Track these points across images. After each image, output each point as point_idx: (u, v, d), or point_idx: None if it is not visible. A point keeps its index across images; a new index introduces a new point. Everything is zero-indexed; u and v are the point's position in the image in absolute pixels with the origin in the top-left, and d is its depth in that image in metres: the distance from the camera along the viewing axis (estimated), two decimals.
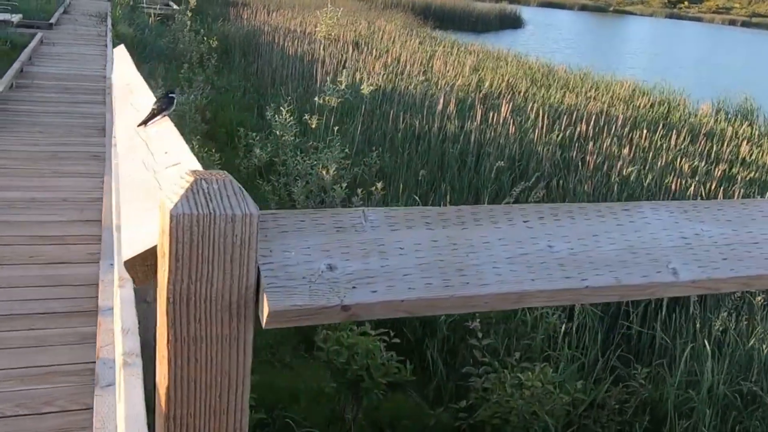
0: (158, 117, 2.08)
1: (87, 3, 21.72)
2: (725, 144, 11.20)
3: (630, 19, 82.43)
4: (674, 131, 11.33)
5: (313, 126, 7.90)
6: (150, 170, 1.51)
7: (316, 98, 9.35)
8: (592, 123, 11.10)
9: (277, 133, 7.92)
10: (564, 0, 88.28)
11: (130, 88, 3.17)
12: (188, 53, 14.36)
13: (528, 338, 5.58)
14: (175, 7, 21.91)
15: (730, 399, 5.06)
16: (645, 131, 11.21)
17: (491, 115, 11.05)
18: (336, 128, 8.26)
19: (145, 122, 2.07)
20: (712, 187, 8.79)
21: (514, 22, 47.17)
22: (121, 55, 5.40)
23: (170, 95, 2.13)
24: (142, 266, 1.02)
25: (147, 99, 2.51)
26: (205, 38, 14.90)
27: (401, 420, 5.06)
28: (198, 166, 1.36)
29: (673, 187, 8.56)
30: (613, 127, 11.18)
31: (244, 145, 8.85)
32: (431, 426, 5.02)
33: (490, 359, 5.02)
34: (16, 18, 15.57)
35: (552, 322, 5.59)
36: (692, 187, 8.54)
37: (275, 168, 8.12)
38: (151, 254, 1.00)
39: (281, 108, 7.91)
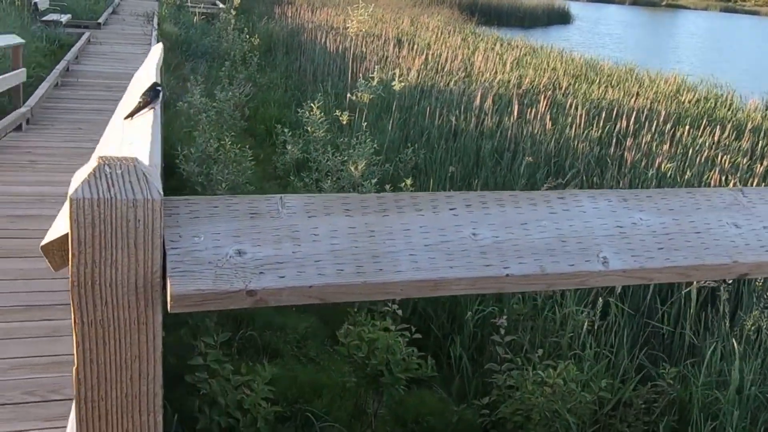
0: (144, 109, 2.11)
1: (135, 3, 22.12)
2: None
3: (683, 13, 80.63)
4: (718, 127, 11.07)
5: (344, 122, 7.91)
6: None
7: (348, 95, 9.35)
8: (632, 119, 10.91)
9: (309, 129, 7.96)
10: None
11: (141, 84, 3.23)
12: (232, 51, 14.51)
13: (556, 335, 5.52)
14: (220, 5, 22.16)
15: (761, 400, 4.93)
16: (688, 127, 10.98)
17: (529, 111, 10.94)
18: (365, 124, 8.27)
19: (131, 114, 2.10)
20: (754, 184, 8.56)
21: (562, 18, 46.60)
22: (152, 53, 5.47)
23: (156, 88, 2.16)
24: (59, 251, 1.04)
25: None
26: (248, 36, 15.03)
27: (425, 416, 5.04)
28: (145, 157, 1.38)
29: (713, 183, 8.35)
30: (655, 123, 10.97)
31: (282, 141, 8.92)
32: (455, 422, 5.00)
33: (515, 356, 4.98)
34: (65, 18, 15.93)
35: (581, 320, 5.51)
36: (731, 183, 8.33)
37: (309, 164, 8.15)
38: (67, 240, 1.02)
39: (311, 104, 7.95)
